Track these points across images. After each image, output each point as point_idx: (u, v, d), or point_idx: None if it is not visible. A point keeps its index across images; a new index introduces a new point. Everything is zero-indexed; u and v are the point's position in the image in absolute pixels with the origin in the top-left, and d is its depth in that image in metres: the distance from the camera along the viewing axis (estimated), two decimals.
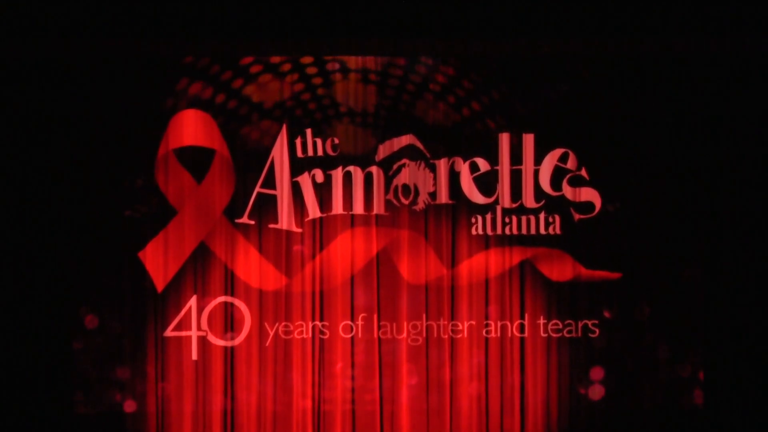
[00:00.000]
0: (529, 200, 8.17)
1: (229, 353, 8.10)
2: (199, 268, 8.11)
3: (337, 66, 8.15)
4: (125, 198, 8.02)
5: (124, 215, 8.01)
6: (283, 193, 8.11)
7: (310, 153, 8.13)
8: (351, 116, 8.13)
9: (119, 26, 7.66)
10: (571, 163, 8.15)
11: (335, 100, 8.11)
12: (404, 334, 8.12)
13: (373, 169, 8.12)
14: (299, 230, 8.16)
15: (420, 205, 8.16)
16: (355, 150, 8.11)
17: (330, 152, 8.13)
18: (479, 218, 8.16)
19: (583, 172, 8.16)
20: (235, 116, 8.12)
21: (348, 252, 8.12)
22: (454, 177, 8.15)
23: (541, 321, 8.15)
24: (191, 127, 8.05)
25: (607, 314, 8.16)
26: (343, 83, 8.14)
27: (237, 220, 8.13)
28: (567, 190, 8.16)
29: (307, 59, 8.11)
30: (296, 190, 8.13)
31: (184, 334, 8.10)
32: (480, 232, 8.16)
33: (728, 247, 8.06)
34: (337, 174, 8.13)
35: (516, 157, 8.17)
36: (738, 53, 7.89)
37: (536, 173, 8.17)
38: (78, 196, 7.98)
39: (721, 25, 7.74)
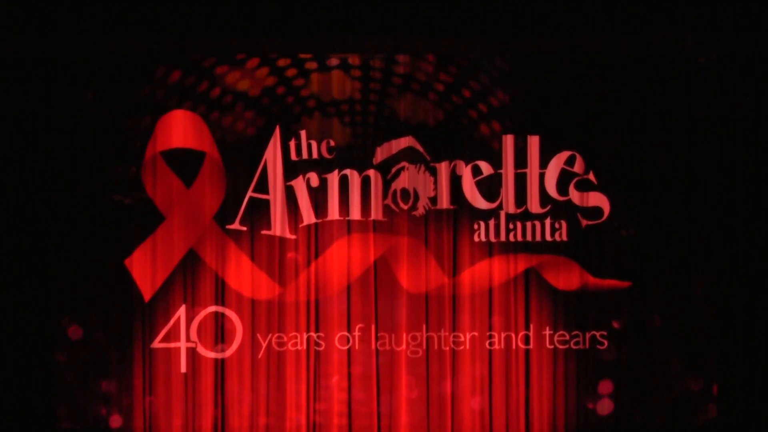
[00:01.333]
0: (534, 205, 8.09)
1: (220, 366, 8.04)
2: (189, 277, 8.06)
3: (336, 62, 8.11)
4: (111, 202, 7.96)
5: (110, 220, 7.94)
6: (276, 197, 8.04)
7: (305, 156, 8.07)
8: (348, 115, 8.10)
9: (106, 20, 7.71)
10: (578, 167, 8.10)
11: (327, 97, 8.09)
12: (403, 346, 8.05)
13: (371, 172, 8.07)
14: (293, 237, 8.07)
15: (420, 210, 8.08)
16: (351, 150, 8.07)
17: (325, 155, 8.07)
18: (482, 224, 8.09)
19: (591, 176, 8.10)
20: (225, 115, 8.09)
21: (344, 259, 8.05)
22: (455, 181, 8.08)
23: (547, 332, 8.08)
24: (180, 129, 8.01)
25: (616, 325, 8.09)
26: (341, 80, 8.10)
27: (228, 226, 8.06)
28: (574, 195, 8.10)
29: (304, 56, 8.09)
30: (290, 195, 8.06)
31: (172, 345, 8.03)
32: (483, 238, 8.09)
33: (743, 255, 8.00)
34: (333, 178, 8.07)
35: (520, 160, 8.10)
36: (754, 53, 7.90)
37: (542, 177, 8.11)
38: (61, 199, 7.92)
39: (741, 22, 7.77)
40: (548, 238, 8.05)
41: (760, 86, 7.95)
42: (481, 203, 8.07)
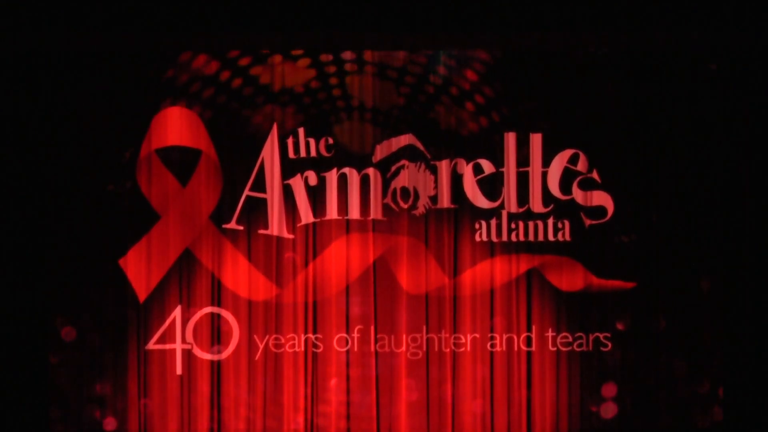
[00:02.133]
0: (536, 204, 8.05)
1: (216, 368, 7.99)
2: (184, 277, 8.01)
3: (349, 57, 8.10)
4: (105, 199, 7.92)
5: (105, 219, 7.91)
6: (273, 196, 8.00)
7: (303, 154, 8.03)
8: (358, 112, 8.06)
9: (106, 17, 7.71)
10: (581, 165, 8.05)
11: (346, 92, 8.05)
12: (403, 348, 8.00)
13: (370, 170, 8.02)
14: (291, 236, 8.03)
15: (420, 209, 8.04)
16: (352, 147, 8.02)
17: (324, 153, 8.03)
18: (483, 224, 8.04)
19: (595, 175, 8.05)
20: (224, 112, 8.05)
21: (343, 260, 8.00)
22: (456, 179, 8.04)
23: (550, 334, 8.03)
24: (176, 126, 7.97)
25: (620, 327, 8.03)
26: (347, 77, 8.09)
27: (224, 226, 8.01)
28: (577, 194, 8.05)
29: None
30: (288, 194, 8.02)
31: (168, 347, 7.98)
32: (484, 238, 8.05)
33: (749, 255, 7.95)
34: (332, 176, 8.02)
35: (523, 159, 8.06)
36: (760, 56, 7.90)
37: (544, 176, 8.07)
38: (54, 197, 7.88)
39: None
40: (551, 237, 8.00)
41: (764, 89, 7.91)
42: (482, 202, 8.02)
